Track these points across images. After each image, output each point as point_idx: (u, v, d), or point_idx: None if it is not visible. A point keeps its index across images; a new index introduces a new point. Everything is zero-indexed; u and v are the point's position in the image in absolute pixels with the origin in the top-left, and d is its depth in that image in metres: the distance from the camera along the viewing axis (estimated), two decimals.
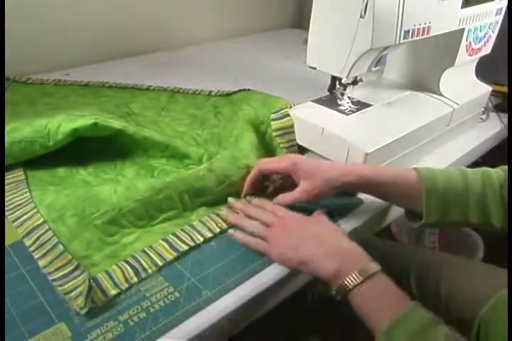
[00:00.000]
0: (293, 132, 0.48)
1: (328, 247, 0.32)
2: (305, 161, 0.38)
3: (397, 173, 0.37)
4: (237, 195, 0.41)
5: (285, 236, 0.34)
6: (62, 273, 0.31)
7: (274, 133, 0.48)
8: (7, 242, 0.35)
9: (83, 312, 0.29)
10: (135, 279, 0.32)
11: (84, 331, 0.29)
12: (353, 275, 0.30)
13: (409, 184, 0.36)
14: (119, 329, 0.29)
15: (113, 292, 0.31)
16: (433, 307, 0.48)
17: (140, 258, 0.34)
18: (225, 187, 0.40)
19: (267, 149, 0.48)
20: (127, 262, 0.34)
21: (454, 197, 0.36)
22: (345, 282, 0.30)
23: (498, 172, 0.37)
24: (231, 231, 0.37)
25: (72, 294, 0.30)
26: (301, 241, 0.33)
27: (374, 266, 0.31)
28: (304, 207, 0.39)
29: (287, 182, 0.40)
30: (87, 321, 0.29)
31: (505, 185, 0.35)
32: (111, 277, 0.32)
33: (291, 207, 0.39)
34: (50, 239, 0.34)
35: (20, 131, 0.42)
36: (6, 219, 0.37)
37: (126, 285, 0.32)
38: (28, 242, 0.34)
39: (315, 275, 0.32)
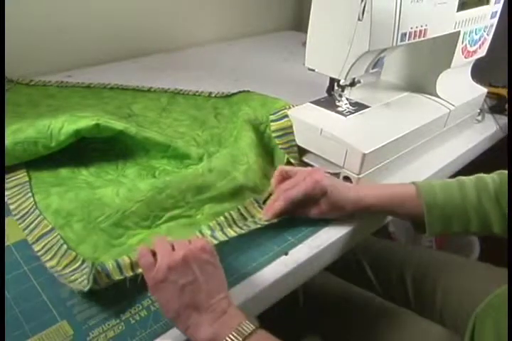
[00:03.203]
0: (291, 133, 0.48)
1: (204, 311, 0.28)
2: (332, 193, 0.37)
3: (399, 193, 0.38)
4: (239, 190, 0.41)
5: (180, 273, 0.28)
6: (69, 270, 0.32)
7: (272, 134, 0.49)
8: (10, 241, 0.36)
9: (86, 289, 0.29)
10: (140, 270, 0.32)
11: (86, 329, 0.29)
12: (230, 337, 0.27)
13: (411, 202, 0.37)
14: (120, 327, 0.29)
15: (117, 277, 0.31)
16: (429, 306, 0.49)
17: None
18: (226, 183, 0.40)
19: (265, 148, 0.48)
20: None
21: (454, 210, 0.36)
22: None
23: (494, 179, 0.37)
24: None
25: (78, 281, 0.30)
26: (187, 289, 0.28)
27: (250, 325, 0.28)
28: None
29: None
30: (88, 319, 0.30)
31: (501, 191, 0.36)
32: (118, 264, 0.32)
33: None
34: (57, 243, 0.34)
35: (23, 132, 0.42)
36: (10, 221, 0.38)
37: (131, 273, 0.32)
38: (36, 248, 0.35)
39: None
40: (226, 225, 0.38)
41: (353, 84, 0.47)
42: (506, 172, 0.38)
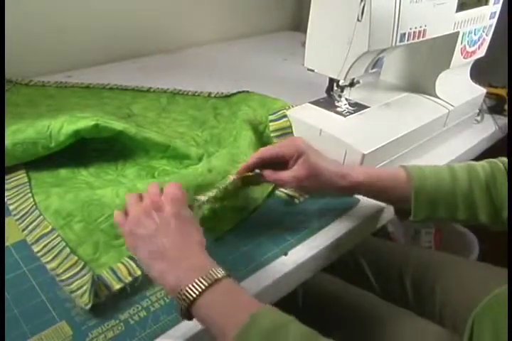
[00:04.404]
0: (290, 133, 0.49)
1: (169, 258, 0.28)
2: (310, 155, 0.36)
3: (388, 176, 0.37)
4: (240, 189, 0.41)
5: (140, 224, 0.29)
6: (69, 274, 0.32)
7: (271, 134, 0.49)
8: (9, 242, 0.36)
9: (88, 307, 0.30)
10: (139, 272, 0.32)
11: (85, 330, 0.29)
12: (196, 281, 0.26)
13: (399, 185, 0.37)
14: (119, 327, 0.30)
15: (117, 286, 0.31)
16: (429, 306, 0.49)
17: None
18: (225, 182, 0.40)
19: None
20: (131, 258, 0.34)
21: (442, 195, 0.36)
22: (188, 290, 0.26)
23: (484, 167, 0.37)
24: None
25: (78, 292, 0.30)
26: (150, 239, 0.29)
27: (220, 271, 0.27)
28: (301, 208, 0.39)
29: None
30: (88, 320, 0.30)
31: (492, 180, 0.35)
32: (114, 273, 0.32)
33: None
34: (58, 244, 0.34)
35: (22, 132, 0.42)
36: (9, 221, 0.38)
37: (130, 279, 0.32)
38: (36, 248, 0.35)
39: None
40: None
41: (352, 84, 0.47)
42: (496, 160, 0.38)
